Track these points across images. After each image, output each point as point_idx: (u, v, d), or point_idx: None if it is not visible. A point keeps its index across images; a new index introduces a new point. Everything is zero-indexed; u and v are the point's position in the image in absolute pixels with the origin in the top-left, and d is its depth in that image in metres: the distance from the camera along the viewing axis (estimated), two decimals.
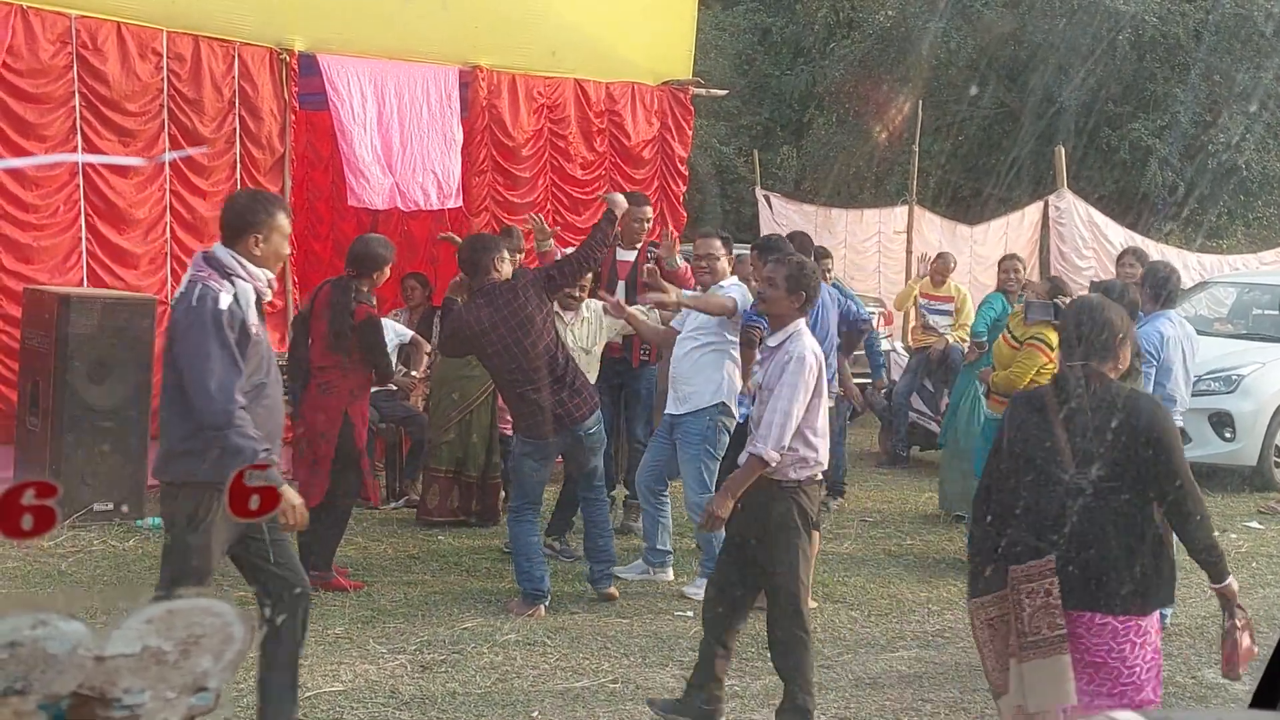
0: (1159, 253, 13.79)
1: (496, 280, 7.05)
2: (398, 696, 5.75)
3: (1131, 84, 21.22)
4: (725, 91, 14.16)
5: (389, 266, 7.53)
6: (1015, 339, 8.00)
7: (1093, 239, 16.75)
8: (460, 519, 8.89)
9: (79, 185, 9.01)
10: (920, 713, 5.96)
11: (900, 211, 17.21)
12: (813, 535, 7.55)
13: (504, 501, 8.64)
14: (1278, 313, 13.46)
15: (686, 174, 12.07)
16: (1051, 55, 21.01)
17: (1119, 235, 16.97)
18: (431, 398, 8.94)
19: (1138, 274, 8.31)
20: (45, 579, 7.23)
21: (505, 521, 8.40)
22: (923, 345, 12.18)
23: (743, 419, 7.23)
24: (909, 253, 15.88)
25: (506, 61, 10.72)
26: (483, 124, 10.63)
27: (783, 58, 25.15)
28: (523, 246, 9.42)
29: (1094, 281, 7.10)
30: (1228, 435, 11.63)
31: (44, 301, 8.40)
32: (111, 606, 1.18)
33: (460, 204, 10.40)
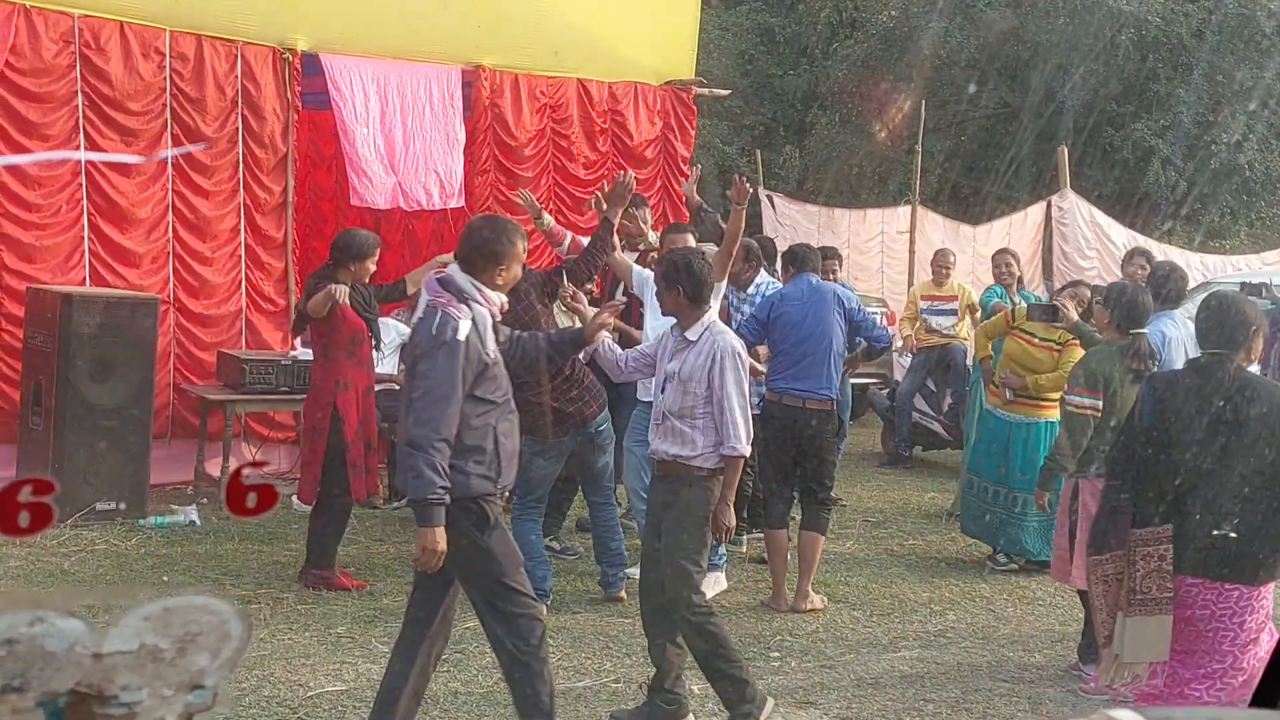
0: (1161, 253, 13.75)
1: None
2: None
3: (1134, 84, 21.21)
4: (728, 91, 14.15)
5: (370, 260, 7.31)
6: (1043, 339, 8.00)
7: (1095, 239, 16.74)
8: None
9: (81, 185, 9.02)
10: (922, 712, 5.96)
11: (903, 211, 17.19)
12: (817, 537, 7.60)
13: (506, 500, 8.62)
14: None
15: (689, 174, 12.05)
16: (1054, 55, 21.00)
17: (1121, 235, 16.95)
18: None
19: (1146, 274, 8.31)
20: (47, 578, 7.24)
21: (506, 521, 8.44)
22: (924, 345, 12.16)
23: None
24: (912, 253, 15.88)
25: (509, 61, 10.73)
26: (485, 123, 10.64)
27: (785, 57, 25.14)
28: (525, 246, 9.40)
29: (1112, 284, 7.02)
30: None
31: (46, 301, 8.41)
32: (113, 605, 1.19)
33: (463, 203, 10.41)
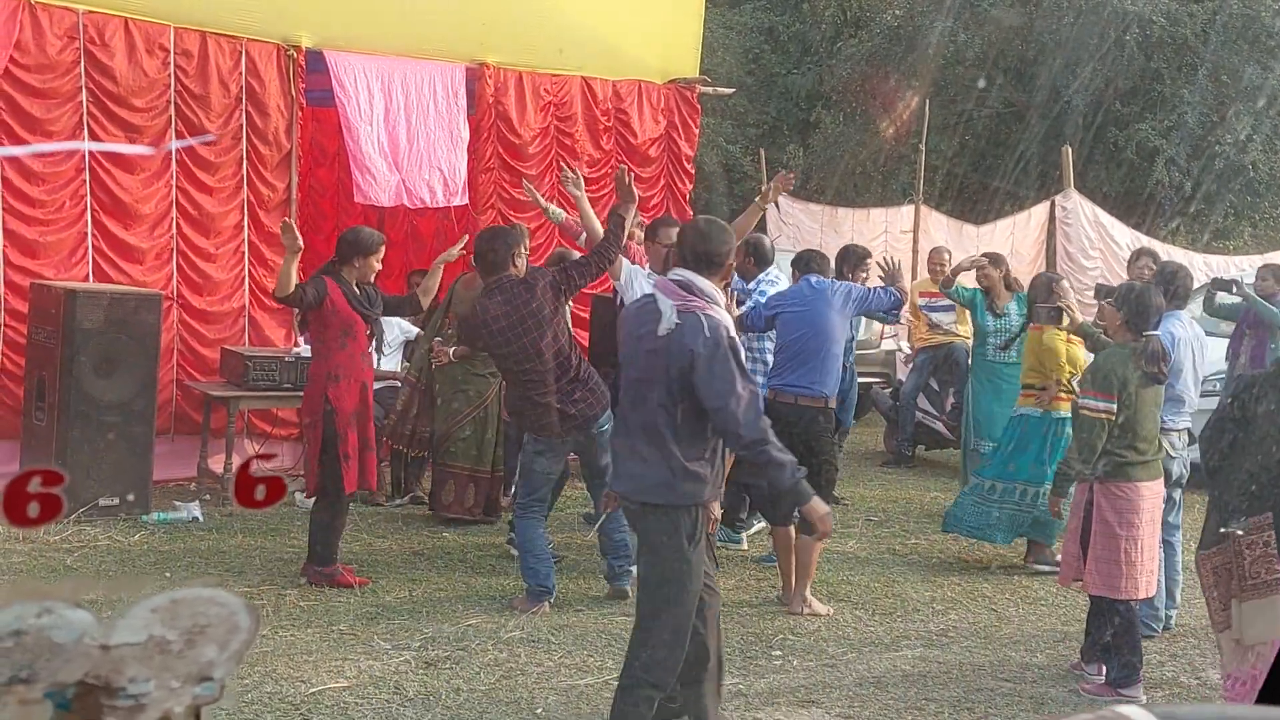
0: (1165, 253, 13.74)
1: (514, 275, 6.97)
2: (402, 693, 5.76)
3: (1139, 83, 21.20)
4: (732, 90, 14.16)
5: (374, 257, 7.29)
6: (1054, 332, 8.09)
7: (1099, 239, 16.74)
8: (475, 517, 8.87)
9: (85, 181, 9.03)
10: (924, 712, 5.96)
11: (907, 210, 17.19)
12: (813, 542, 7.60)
13: (511, 497, 8.61)
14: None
15: (693, 172, 12.06)
16: (1059, 54, 21.00)
17: (1125, 235, 16.95)
18: (441, 396, 8.93)
19: (1151, 274, 8.30)
20: (50, 573, 7.24)
21: (508, 519, 8.44)
22: (927, 344, 12.15)
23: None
24: (915, 252, 15.87)
25: (513, 59, 10.72)
26: (489, 121, 10.63)
27: (790, 56, 25.14)
28: (529, 245, 9.41)
29: (1123, 284, 6.99)
30: None
31: (50, 296, 8.41)
32: (117, 600, 1.19)
33: (466, 201, 10.40)
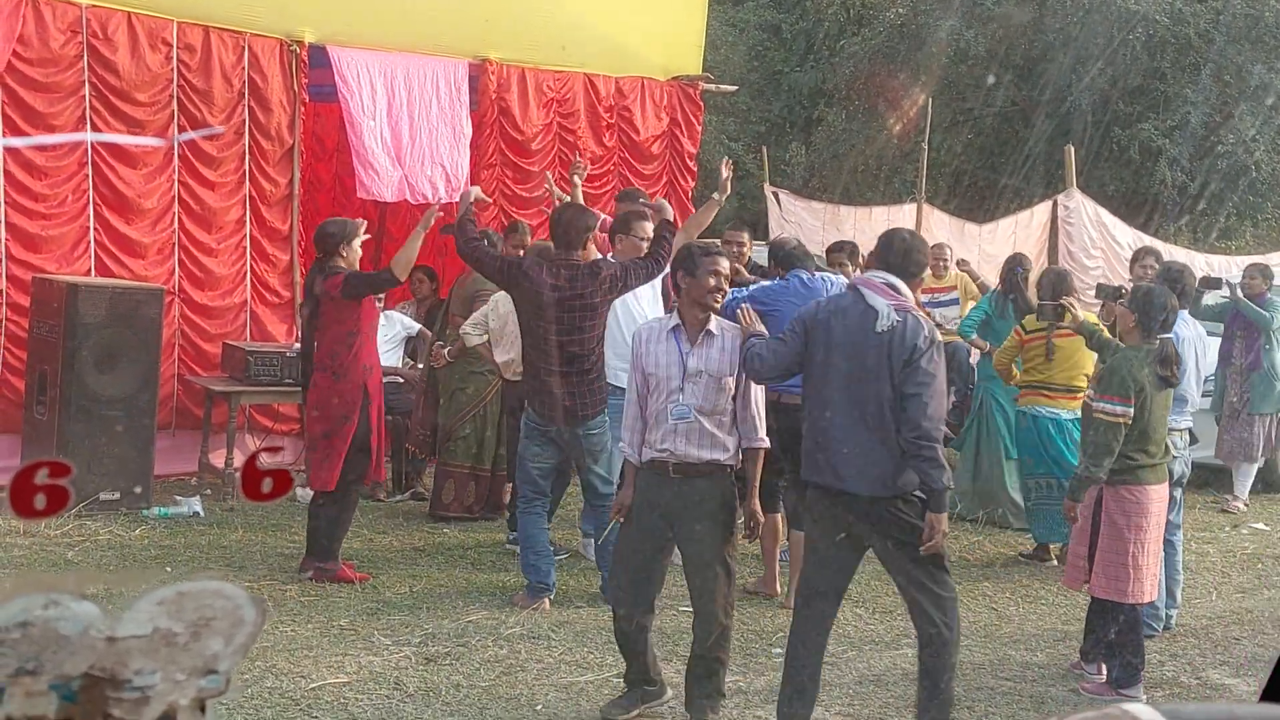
0: (1167, 253, 13.74)
1: (583, 258, 7.06)
2: (402, 689, 5.76)
3: (1142, 83, 21.20)
4: (735, 87, 14.15)
5: (356, 241, 7.34)
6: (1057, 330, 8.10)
7: (1101, 239, 16.71)
8: (474, 515, 8.87)
9: (88, 175, 9.03)
10: None
11: (909, 209, 17.15)
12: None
13: (513, 496, 8.60)
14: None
15: (695, 170, 12.06)
16: (1062, 54, 20.99)
17: (1127, 235, 16.92)
18: (443, 394, 8.93)
19: (1154, 274, 8.28)
20: (51, 568, 7.25)
21: (508, 517, 8.43)
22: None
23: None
24: None
25: (516, 55, 10.72)
26: (492, 117, 10.63)
27: (793, 54, 25.14)
28: (529, 242, 9.42)
29: (1136, 286, 6.97)
30: None
31: (52, 290, 8.41)
32: (119, 594, 1.18)
33: None
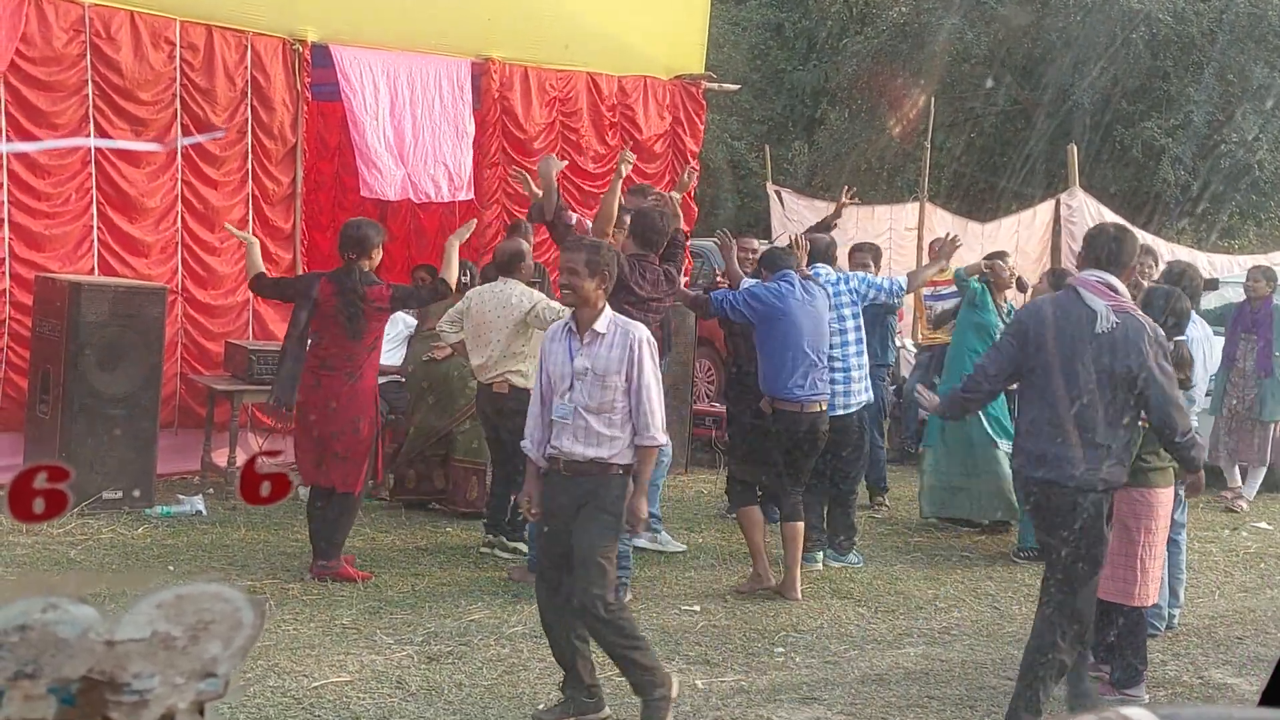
0: (1170, 252, 13.73)
1: (654, 260, 7.22)
2: (404, 687, 5.76)
3: (1145, 82, 21.17)
4: (738, 86, 14.15)
5: (379, 249, 7.49)
6: None
7: None
8: (478, 510, 8.87)
9: (91, 174, 9.04)
10: (926, 709, 5.96)
11: (911, 208, 17.14)
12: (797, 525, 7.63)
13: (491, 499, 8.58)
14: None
15: (698, 168, 12.06)
16: (1065, 53, 20.97)
17: None
18: (439, 395, 8.93)
19: (1153, 272, 8.27)
20: (54, 566, 7.25)
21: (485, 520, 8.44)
22: (931, 343, 12.13)
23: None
24: (920, 249, 15.85)
25: (519, 54, 10.72)
26: (495, 116, 10.64)
27: (796, 52, 25.13)
28: (531, 242, 9.42)
29: (1150, 288, 6.93)
30: None
31: (55, 289, 8.42)
32: (120, 594, 1.18)
33: (472, 196, 10.41)
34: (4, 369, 8.83)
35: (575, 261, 5.41)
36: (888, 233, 17.51)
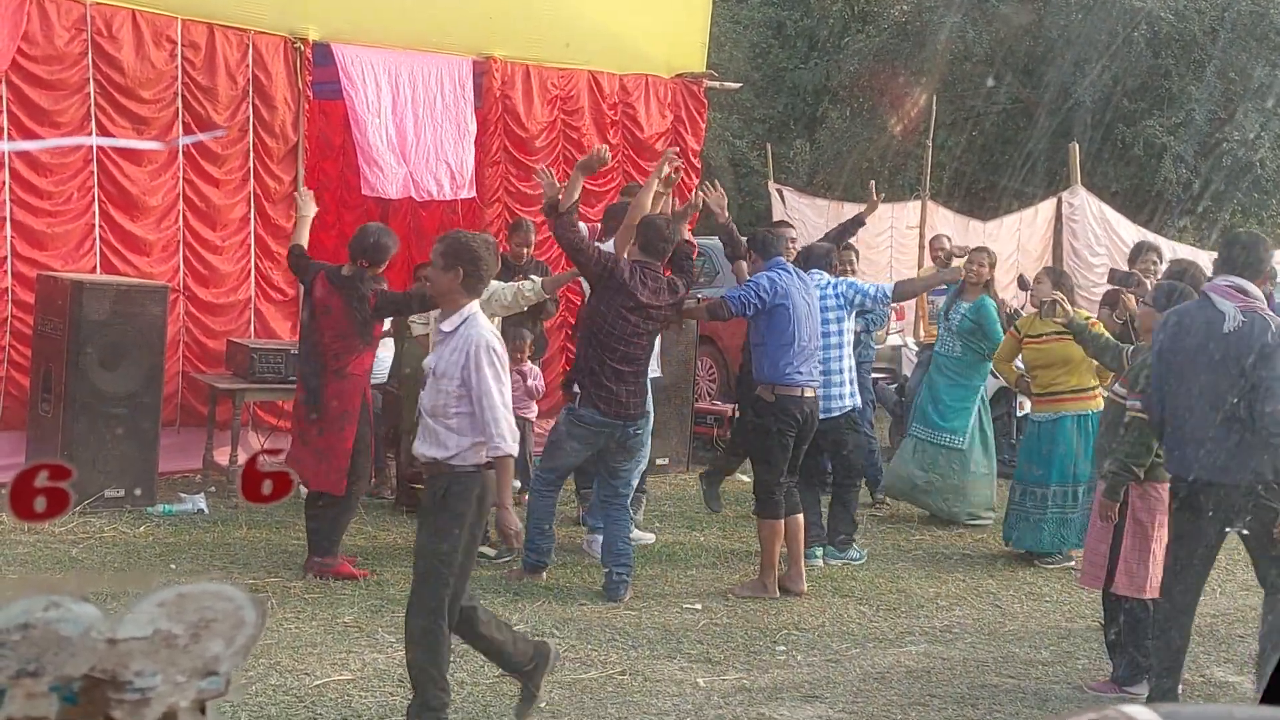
0: (1171, 250, 13.74)
1: (658, 268, 7.29)
2: (406, 685, 5.74)
3: (1147, 80, 21.15)
4: (739, 84, 14.14)
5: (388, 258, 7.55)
6: (1055, 333, 8.01)
7: (1105, 236, 16.71)
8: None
9: (93, 172, 9.04)
10: (928, 707, 5.96)
11: (913, 206, 17.15)
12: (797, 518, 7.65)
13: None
14: None
15: (699, 167, 12.05)
16: (1067, 51, 20.95)
17: (1130, 233, 16.90)
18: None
19: (1156, 269, 8.26)
20: (55, 565, 7.26)
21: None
22: (932, 341, 12.13)
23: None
24: (921, 248, 15.85)
25: (521, 52, 10.72)
26: (496, 115, 10.63)
27: (797, 51, 25.10)
28: (533, 240, 9.43)
29: (1159, 285, 6.92)
30: None
31: (57, 288, 8.42)
32: (123, 593, 1.19)
33: (474, 194, 10.40)
34: (6, 367, 8.83)
35: (434, 252, 5.26)
36: (889, 231, 17.53)
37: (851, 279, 8.96)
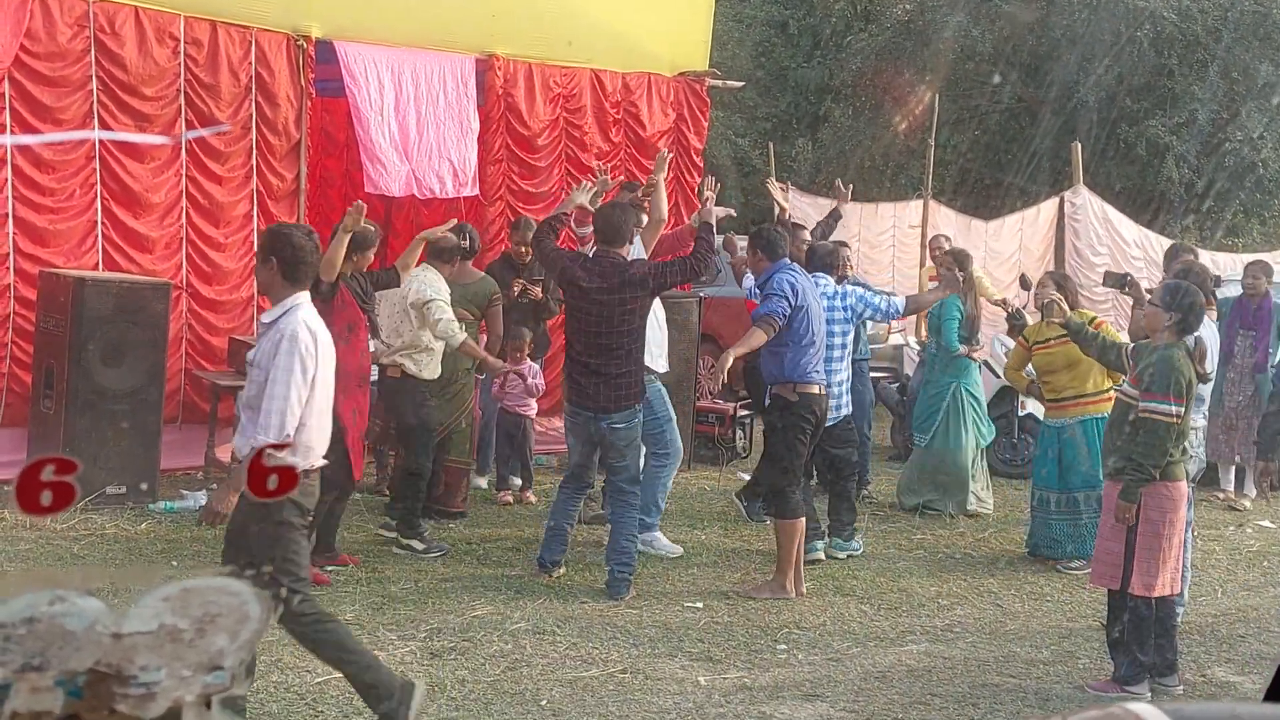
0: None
1: (620, 254, 7.28)
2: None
3: (1150, 80, 21.14)
4: (742, 83, 14.11)
5: (370, 250, 7.48)
6: (1059, 338, 7.99)
7: (1107, 235, 16.70)
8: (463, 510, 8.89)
9: (95, 169, 9.04)
10: (929, 706, 5.96)
11: (915, 205, 17.15)
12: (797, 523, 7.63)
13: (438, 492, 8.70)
14: None
15: (702, 165, 12.04)
16: (1070, 50, 20.94)
17: (1132, 232, 16.92)
18: (445, 392, 8.93)
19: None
20: (57, 561, 7.26)
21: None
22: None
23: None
24: (923, 247, 15.84)
25: (523, 50, 10.72)
26: (499, 112, 10.63)
27: (800, 49, 25.11)
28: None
29: (1167, 284, 6.87)
30: None
31: (59, 285, 8.43)
32: (125, 589, 1.19)
33: (476, 192, 10.40)
34: (8, 364, 8.83)
35: (258, 246, 5.22)
36: (891, 230, 17.53)
37: (861, 291, 8.70)
